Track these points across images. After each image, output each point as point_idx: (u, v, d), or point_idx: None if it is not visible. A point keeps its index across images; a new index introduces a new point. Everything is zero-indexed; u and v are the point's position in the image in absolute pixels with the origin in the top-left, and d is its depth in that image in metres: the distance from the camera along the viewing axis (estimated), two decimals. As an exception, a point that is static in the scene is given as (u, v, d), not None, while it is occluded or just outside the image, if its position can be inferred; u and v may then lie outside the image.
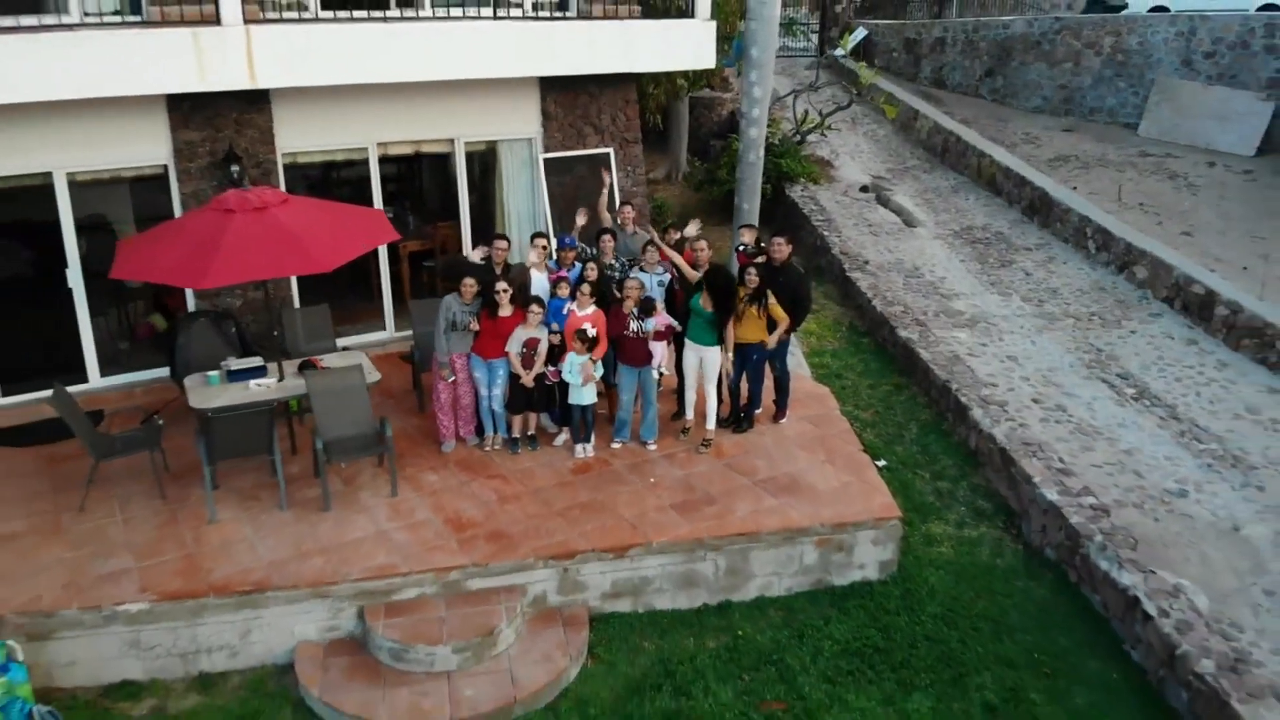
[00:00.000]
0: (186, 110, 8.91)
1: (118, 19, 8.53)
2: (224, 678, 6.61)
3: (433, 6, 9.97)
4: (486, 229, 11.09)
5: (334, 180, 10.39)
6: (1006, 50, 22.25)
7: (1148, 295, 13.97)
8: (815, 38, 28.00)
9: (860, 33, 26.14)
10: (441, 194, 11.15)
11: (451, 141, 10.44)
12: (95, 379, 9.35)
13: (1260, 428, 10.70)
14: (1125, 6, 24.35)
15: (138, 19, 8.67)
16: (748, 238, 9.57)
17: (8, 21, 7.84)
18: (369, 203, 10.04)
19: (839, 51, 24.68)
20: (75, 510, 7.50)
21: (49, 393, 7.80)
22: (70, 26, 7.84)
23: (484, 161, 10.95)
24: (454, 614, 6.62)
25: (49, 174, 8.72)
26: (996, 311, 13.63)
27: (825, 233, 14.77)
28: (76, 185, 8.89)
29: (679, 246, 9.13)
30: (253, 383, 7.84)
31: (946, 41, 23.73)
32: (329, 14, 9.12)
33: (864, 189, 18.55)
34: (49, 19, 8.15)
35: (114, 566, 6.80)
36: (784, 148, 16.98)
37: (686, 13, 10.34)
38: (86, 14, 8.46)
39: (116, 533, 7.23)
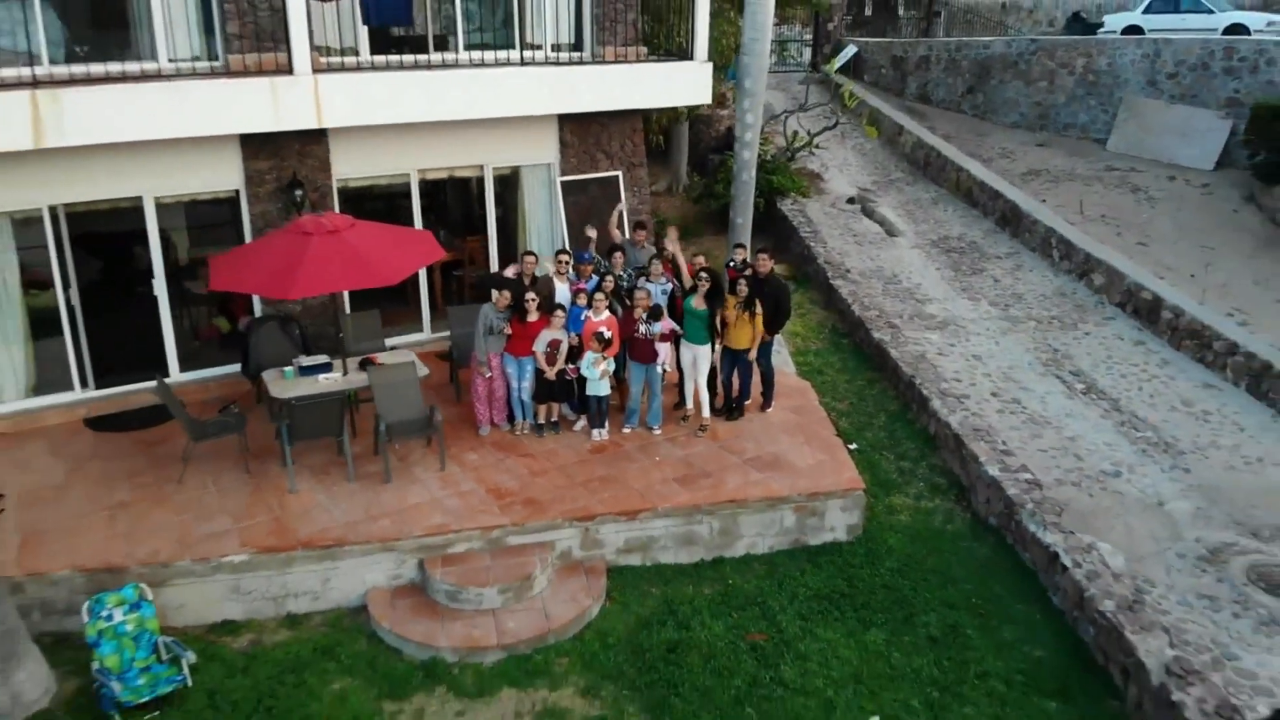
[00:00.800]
0: (257, 144, 10.39)
1: (205, 66, 10.01)
2: (308, 617, 8.08)
3: (467, 50, 11.47)
4: (510, 243, 12.58)
5: (380, 201, 11.84)
6: (986, 69, 23.74)
7: (1103, 300, 15.47)
8: (809, 51, 29.46)
9: (850, 49, 27.62)
10: (470, 211, 12.61)
11: (481, 167, 11.94)
12: (175, 374, 10.81)
13: (1192, 418, 12.21)
14: (1101, 25, 25.90)
15: (217, 63, 10.16)
16: (739, 255, 11.03)
17: (113, 69, 9.31)
18: (410, 220, 11.53)
19: (828, 69, 26.16)
20: (175, 482, 8.97)
21: (152, 383, 9.27)
22: (169, 77, 9.30)
23: (508, 183, 12.44)
24: (497, 563, 8.11)
25: (139, 197, 10.19)
26: (965, 315, 15.12)
27: (812, 243, 16.24)
28: (162, 206, 10.36)
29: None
30: (321, 376, 9.33)
31: (931, 60, 25.22)
32: (381, 59, 10.60)
33: (850, 200, 20.02)
34: (149, 66, 9.64)
35: (215, 527, 8.28)
36: (775, 164, 18.44)
37: (686, 55, 11.81)
38: (171, 59, 9.95)
39: (212, 500, 8.70)
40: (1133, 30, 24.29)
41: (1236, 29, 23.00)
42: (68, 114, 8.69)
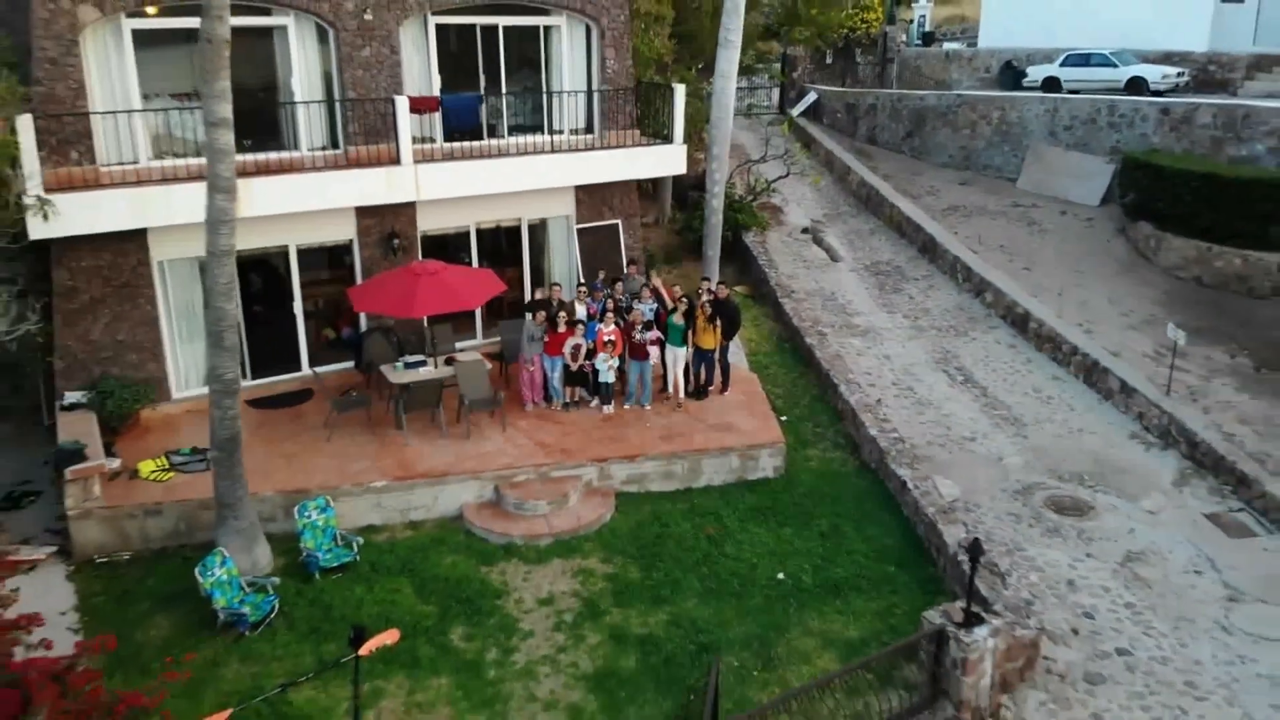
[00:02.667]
0: (367, 206, 14.86)
1: (331, 155, 14.50)
2: (423, 522, 12.54)
3: (510, 134, 16.00)
4: (539, 273, 17.09)
5: (449, 244, 16.26)
6: (922, 117, 28.39)
7: (991, 313, 20.09)
8: (778, 94, 34.07)
9: (811, 96, 32.25)
10: (510, 250, 17.06)
11: (519, 219, 16.47)
12: (305, 369, 15.27)
13: (1039, 401, 16.81)
14: (1026, 75, 30.50)
15: (338, 151, 14.64)
16: (705, 285, 15.56)
17: (274, 159, 13.76)
18: (469, 259, 16.02)
19: (786, 123, 30.74)
20: (325, 440, 13.44)
21: (310, 372, 13.75)
22: (317, 168, 13.78)
23: (538, 230, 16.96)
24: (545, 487, 12.61)
25: (286, 245, 14.67)
26: (883, 325, 19.72)
27: (767, 270, 20.77)
28: (300, 251, 14.83)
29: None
30: (421, 369, 13.81)
31: (877, 108, 29.86)
32: (453, 146, 15.07)
33: (804, 231, 24.60)
34: (294, 155, 14.11)
35: (360, 466, 12.75)
36: (741, 204, 22.96)
37: (668, 139, 16.37)
38: (309, 149, 14.43)
39: (354, 450, 13.17)
40: (1051, 80, 28.89)
41: (1136, 81, 27.60)
42: (256, 194, 13.14)
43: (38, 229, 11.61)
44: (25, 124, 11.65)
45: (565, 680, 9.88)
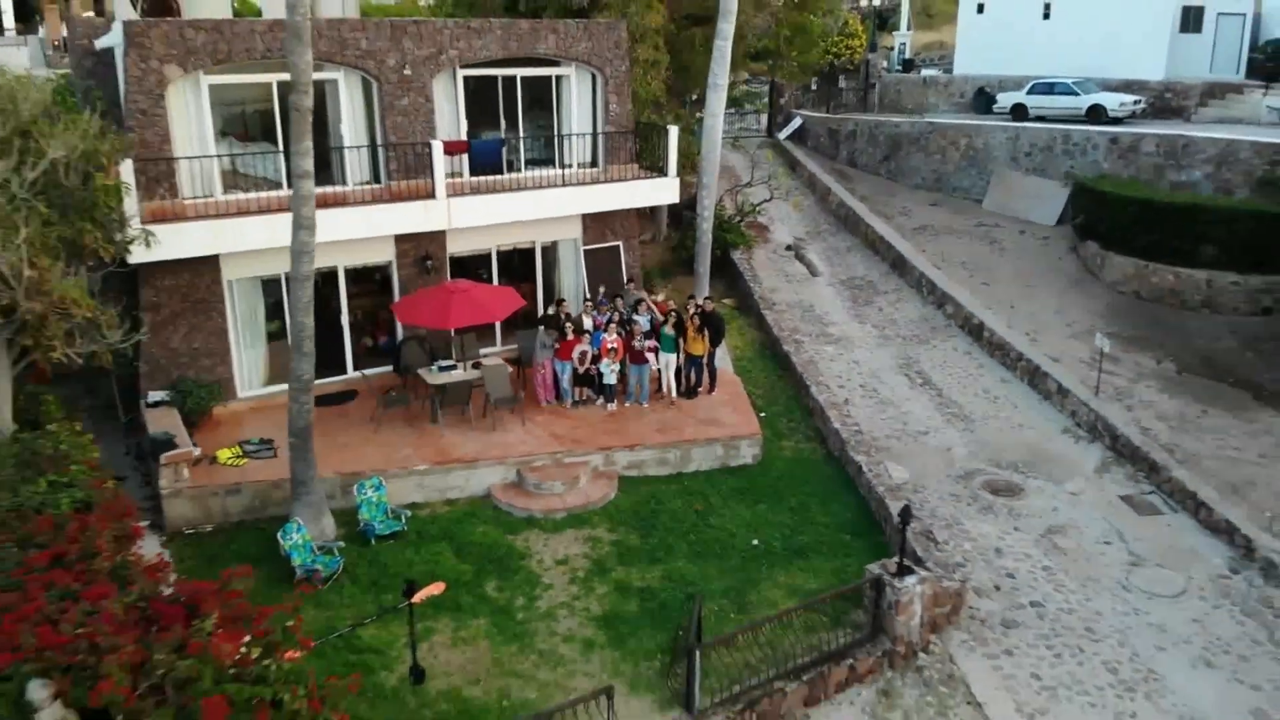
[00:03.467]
0: (405, 234, 17.26)
1: (372, 189, 16.91)
2: (457, 500, 14.91)
3: (526, 167, 18.42)
4: (550, 287, 19.48)
5: (474, 264, 18.64)
6: (897, 143, 30.88)
7: (951, 324, 22.51)
8: (766, 119, 36.55)
9: (797, 121, 34.74)
10: (525, 269, 19.44)
11: (534, 242, 18.89)
12: (350, 372, 17.65)
13: (987, 400, 19.23)
14: (996, 101, 32.97)
15: (379, 186, 17.04)
16: (697, 298, 17.98)
17: (325, 193, 16.14)
18: (491, 278, 18.42)
19: (780, 135, 33.25)
20: (373, 432, 15.83)
21: (359, 374, 16.14)
22: (363, 201, 16.18)
23: (549, 251, 19.37)
24: (559, 471, 15.00)
25: (335, 266, 17.06)
26: (854, 334, 22.14)
27: (752, 284, 23.17)
28: (347, 270, 17.22)
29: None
30: (453, 372, 16.21)
31: (857, 133, 32.35)
32: (478, 180, 17.48)
33: (788, 248, 27.04)
34: (341, 189, 16.51)
35: (404, 453, 15.14)
36: (730, 224, 25.37)
37: (663, 172, 18.80)
38: (355, 184, 16.84)
39: (397, 439, 15.56)
40: (1019, 107, 31.37)
41: (1096, 108, 30.06)
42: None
43: (139, 255, 13.98)
44: (128, 168, 14.04)
45: (579, 620, 12.26)
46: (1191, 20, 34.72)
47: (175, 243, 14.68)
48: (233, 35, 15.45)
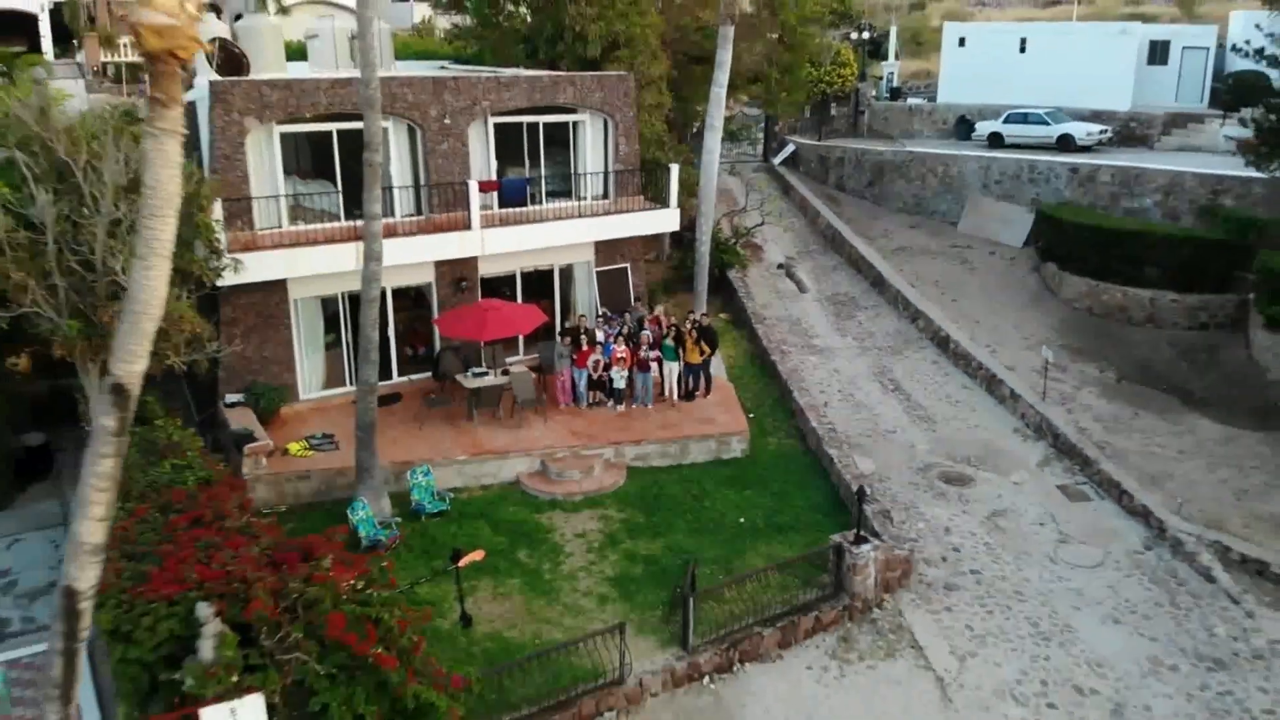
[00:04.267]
0: (443, 259, 20.01)
1: (416, 219, 19.67)
2: (491, 485, 17.63)
3: (546, 199, 21.20)
4: (566, 305, 22.21)
5: (501, 284, 21.37)
6: (881, 169, 33.63)
7: (922, 337, 25.20)
8: (762, 145, 39.31)
9: (790, 147, 37.49)
10: (545, 288, 22.16)
11: (553, 265, 21.65)
12: (395, 378, 20.39)
13: (949, 404, 21.93)
14: (975, 129, 35.66)
15: (421, 218, 19.79)
16: (692, 316, 20.72)
17: (387, 223, 18.88)
18: (516, 296, 21.16)
19: (775, 160, 36.00)
20: (418, 428, 18.55)
21: (405, 379, 18.88)
22: (409, 232, 18.92)
23: (566, 273, 22.13)
24: (576, 461, 17.72)
25: (383, 287, 19.76)
26: (837, 345, 24.85)
27: (745, 300, 25.87)
28: (393, 290, 19.97)
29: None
30: (486, 378, 18.96)
31: (845, 160, 35.11)
32: (505, 212, 20.25)
33: (779, 266, 29.74)
34: (390, 221, 19.24)
35: (447, 445, 17.85)
36: (726, 245, 28.09)
37: (666, 204, 21.58)
38: (402, 216, 19.60)
39: (439, 435, 18.28)
40: (995, 135, 34.08)
41: (1065, 137, 32.79)
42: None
43: (228, 279, 16.73)
44: (218, 207, 16.80)
45: (595, 580, 14.98)
46: (1159, 53, 37.55)
47: (254, 268, 17.42)
48: (301, 92, 18.23)
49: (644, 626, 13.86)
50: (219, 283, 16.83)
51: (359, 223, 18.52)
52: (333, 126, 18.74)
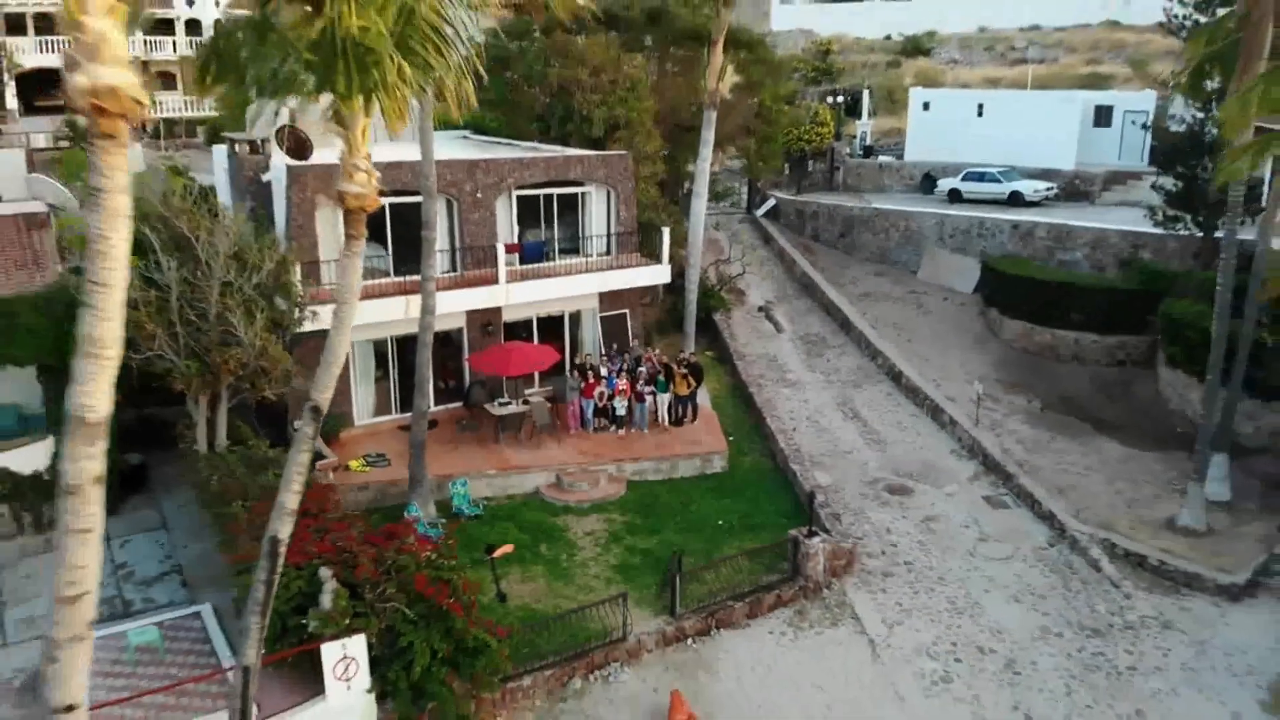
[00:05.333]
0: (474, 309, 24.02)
1: (452, 275, 23.69)
2: (516, 495, 21.50)
3: (559, 255, 25.27)
4: (575, 344, 26.21)
5: (520, 328, 25.35)
6: (850, 223, 37.85)
7: (880, 372, 29.21)
8: (745, 198, 43.53)
9: (771, 201, 41.71)
10: (556, 331, 26.16)
11: (563, 311, 25.69)
12: (433, 407, 24.28)
13: (899, 429, 25.91)
14: (937, 185, 39.90)
15: (456, 274, 23.81)
16: (684, 352, 24.74)
17: (416, 281, 22.88)
18: (533, 338, 25.16)
19: (757, 213, 40.17)
20: (453, 449, 22.44)
21: (440, 408, 22.83)
22: (447, 287, 22.93)
23: (574, 318, 26.15)
24: (585, 475, 21.62)
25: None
26: (806, 379, 28.84)
27: (728, 340, 29.90)
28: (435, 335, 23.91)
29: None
30: (510, 406, 22.91)
31: (819, 214, 39.33)
32: (525, 268, 24.29)
33: (760, 309, 33.79)
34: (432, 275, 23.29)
35: (478, 462, 21.74)
36: (713, 291, 32.15)
37: (659, 260, 25.65)
38: (442, 273, 23.61)
39: (472, 454, 22.18)
40: (955, 191, 38.31)
41: (1016, 194, 37.03)
42: (411, 304, 22.24)
43: (306, 327, 20.66)
44: (296, 269, 20.77)
45: (602, 568, 18.82)
46: (1103, 116, 41.93)
47: (324, 318, 21.33)
48: (361, 173, 22.27)
49: (641, 601, 17.70)
50: (298, 330, 20.81)
51: (405, 279, 22.66)
52: (386, 200, 22.73)
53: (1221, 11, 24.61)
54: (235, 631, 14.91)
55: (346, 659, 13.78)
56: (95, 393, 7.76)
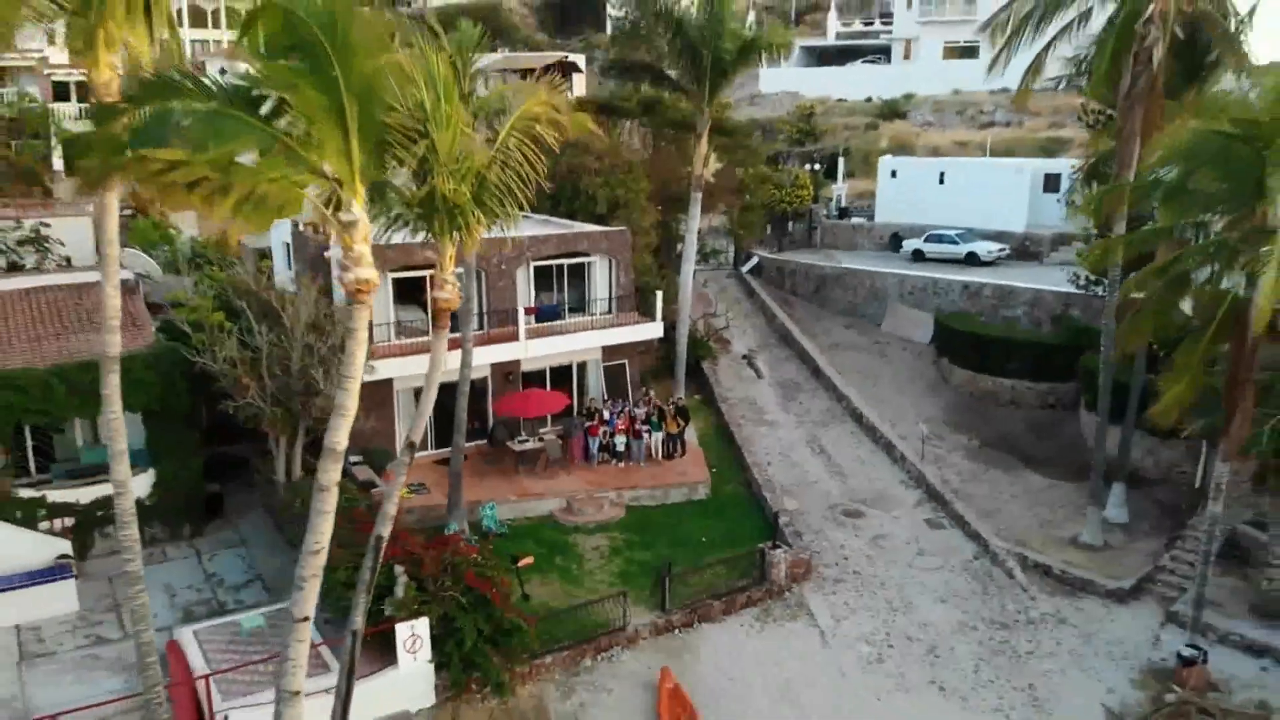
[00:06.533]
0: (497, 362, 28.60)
1: (481, 332, 28.30)
2: (533, 517, 25.90)
3: (569, 313, 29.92)
4: (582, 390, 30.74)
5: (534, 376, 29.88)
6: (824, 280, 42.60)
7: (845, 414, 33.74)
8: (731, 256, 48.32)
9: (755, 259, 46.49)
10: (565, 379, 30.68)
11: (571, 361, 30.27)
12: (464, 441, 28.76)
13: (859, 463, 30.45)
14: (902, 245, 44.72)
15: (481, 331, 28.41)
16: (675, 396, 29.31)
17: (454, 337, 27.50)
18: (546, 385, 29.70)
19: (743, 269, 44.94)
20: (480, 479, 26.89)
21: (470, 444, 27.37)
22: (476, 345, 27.53)
23: (581, 367, 30.74)
24: (591, 501, 26.07)
25: (456, 380, 28.34)
26: (781, 419, 33.37)
27: (714, 385, 34.43)
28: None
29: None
30: (528, 443, 27.40)
31: (797, 272, 44.09)
32: (540, 325, 28.90)
33: (743, 356, 38.39)
34: (458, 335, 27.90)
35: (502, 490, 26.19)
36: (700, 342, 36.72)
37: (653, 318, 30.29)
38: (474, 331, 28.23)
39: (497, 483, 26.61)
40: (918, 251, 43.14)
41: (972, 254, 41.86)
42: (449, 359, 26.79)
43: (369, 376, 25.13)
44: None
45: (607, 575, 23.20)
46: (1051, 182, 46.84)
47: (378, 370, 25.93)
48: (406, 251, 26.97)
49: (638, 600, 22.07)
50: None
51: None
52: (426, 272, 27.45)
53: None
54: (320, 620, 19.29)
55: (414, 636, 18.17)
56: (340, 436, 12.38)
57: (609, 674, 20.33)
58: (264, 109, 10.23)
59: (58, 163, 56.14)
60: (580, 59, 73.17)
